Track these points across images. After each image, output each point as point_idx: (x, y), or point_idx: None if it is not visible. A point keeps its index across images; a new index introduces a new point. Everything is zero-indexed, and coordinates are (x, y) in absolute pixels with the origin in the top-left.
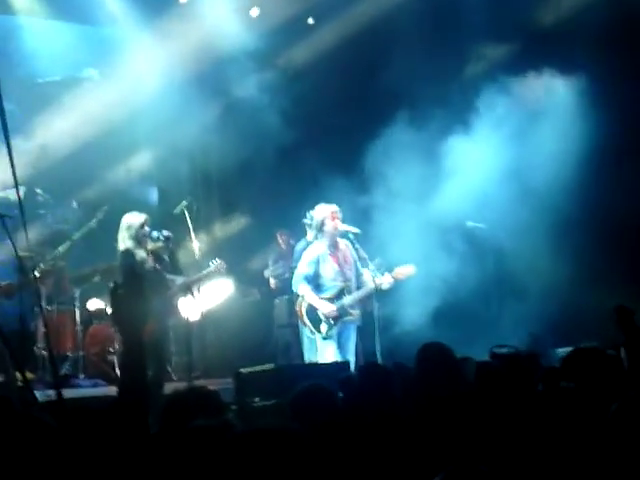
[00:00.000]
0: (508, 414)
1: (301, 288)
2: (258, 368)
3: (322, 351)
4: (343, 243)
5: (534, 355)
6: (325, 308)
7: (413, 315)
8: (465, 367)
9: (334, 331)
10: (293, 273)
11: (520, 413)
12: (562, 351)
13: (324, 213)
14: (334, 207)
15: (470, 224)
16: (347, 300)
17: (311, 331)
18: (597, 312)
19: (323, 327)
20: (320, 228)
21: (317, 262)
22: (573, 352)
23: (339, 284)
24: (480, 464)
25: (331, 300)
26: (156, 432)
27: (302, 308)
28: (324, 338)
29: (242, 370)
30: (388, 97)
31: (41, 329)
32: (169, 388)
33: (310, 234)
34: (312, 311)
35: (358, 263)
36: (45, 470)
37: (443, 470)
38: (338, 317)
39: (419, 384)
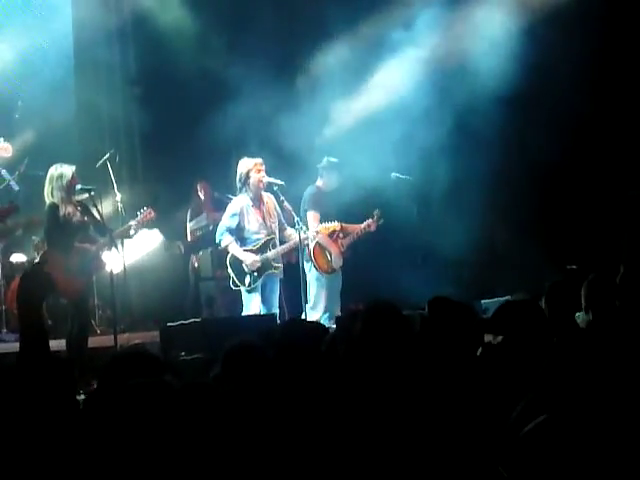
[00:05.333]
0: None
1: (224, 240)
2: (184, 322)
3: (247, 303)
4: (267, 196)
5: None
6: (248, 259)
7: None
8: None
9: (258, 283)
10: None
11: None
12: (486, 302)
13: (248, 166)
14: (258, 160)
15: (394, 175)
16: (271, 253)
17: (234, 283)
18: (518, 264)
19: (247, 279)
20: (245, 181)
21: (240, 215)
22: (506, 304)
23: (263, 237)
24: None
25: (255, 253)
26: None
27: (227, 260)
28: (248, 291)
29: (169, 324)
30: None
31: None
32: (93, 342)
33: (320, 180)
34: (236, 263)
35: (282, 216)
36: None
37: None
38: (261, 269)
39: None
